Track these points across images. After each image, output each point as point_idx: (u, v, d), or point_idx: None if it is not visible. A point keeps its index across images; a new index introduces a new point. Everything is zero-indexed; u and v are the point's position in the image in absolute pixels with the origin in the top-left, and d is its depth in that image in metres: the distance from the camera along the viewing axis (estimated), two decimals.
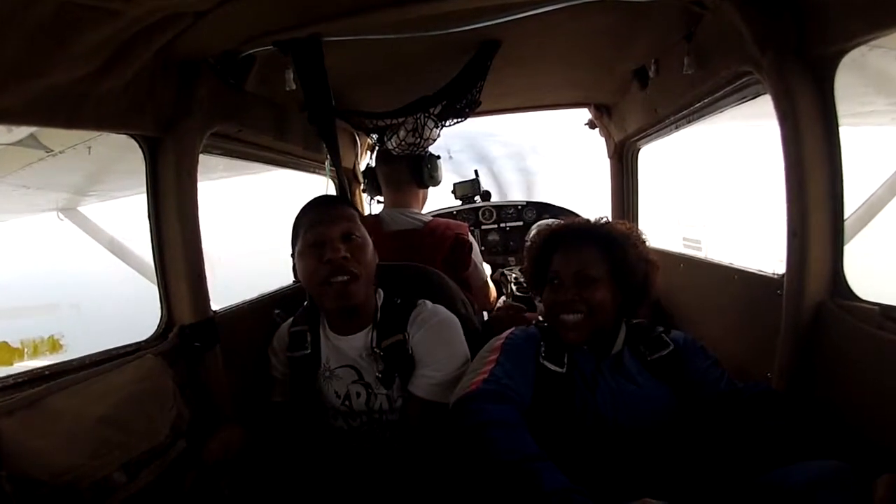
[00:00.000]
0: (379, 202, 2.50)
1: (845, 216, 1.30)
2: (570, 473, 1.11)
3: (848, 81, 1.25)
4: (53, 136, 2.09)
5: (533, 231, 3.08)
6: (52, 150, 2.21)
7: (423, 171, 2.32)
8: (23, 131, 1.94)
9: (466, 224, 2.35)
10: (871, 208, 2.99)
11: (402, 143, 2.14)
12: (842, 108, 1.26)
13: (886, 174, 2.99)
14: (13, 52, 0.99)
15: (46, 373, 1.21)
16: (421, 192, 2.40)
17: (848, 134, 1.28)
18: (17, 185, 2.80)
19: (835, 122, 1.27)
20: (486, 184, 3.72)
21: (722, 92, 1.70)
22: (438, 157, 2.40)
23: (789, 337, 1.36)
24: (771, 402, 1.31)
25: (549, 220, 3.07)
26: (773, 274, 1.52)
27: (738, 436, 1.29)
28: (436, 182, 2.43)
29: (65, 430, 1.14)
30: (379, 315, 1.62)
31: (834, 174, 1.28)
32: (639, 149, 2.89)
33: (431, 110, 2.06)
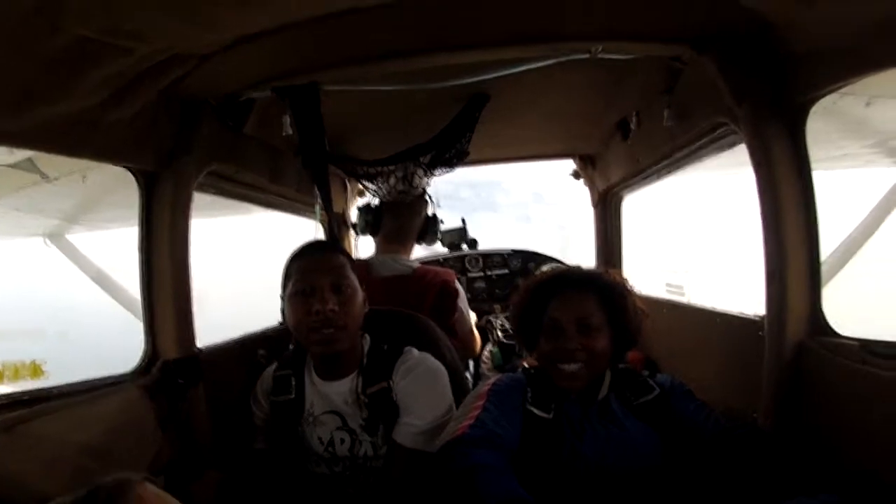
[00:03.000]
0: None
1: (824, 257, 1.35)
2: None
3: (821, 127, 1.33)
4: (50, 161, 2.10)
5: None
6: (47, 176, 2.23)
7: (430, 231, 2.38)
8: (21, 154, 1.95)
9: (454, 272, 2.36)
10: (851, 247, 3.10)
11: (393, 190, 2.18)
12: (816, 153, 1.32)
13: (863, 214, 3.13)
14: (29, 78, 1.02)
15: (26, 398, 1.18)
16: (414, 244, 2.45)
17: (824, 178, 1.33)
18: (8, 208, 2.79)
19: (808, 167, 1.34)
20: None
21: (700, 142, 1.77)
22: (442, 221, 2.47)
23: (773, 376, 1.38)
24: (759, 442, 1.31)
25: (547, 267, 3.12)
26: (755, 316, 1.55)
27: (728, 477, 1.28)
28: (434, 242, 2.48)
29: (43, 457, 1.11)
30: (365, 361, 1.60)
31: (809, 217, 1.34)
32: (622, 197, 2.98)
33: (421, 159, 2.12)
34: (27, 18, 0.92)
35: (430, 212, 2.41)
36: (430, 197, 2.39)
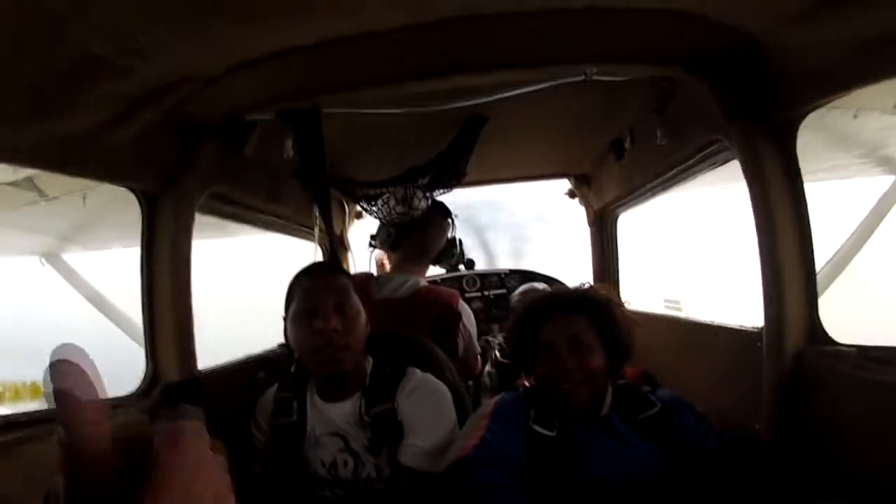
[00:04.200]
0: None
1: (818, 267, 1.37)
2: None
3: (810, 140, 1.36)
4: (50, 180, 2.10)
5: (516, 296, 3.12)
6: (46, 195, 2.22)
7: (449, 254, 2.40)
8: (22, 172, 1.95)
9: (458, 293, 2.35)
10: (843, 258, 3.14)
11: (392, 211, 2.20)
12: (806, 165, 1.36)
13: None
14: (33, 93, 1.03)
15: (25, 419, 1.15)
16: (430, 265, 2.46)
17: (816, 189, 1.36)
18: (5, 226, 2.78)
19: (799, 180, 1.37)
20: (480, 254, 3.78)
21: (693, 160, 1.81)
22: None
23: (773, 387, 1.39)
24: (761, 454, 1.32)
25: (537, 284, 3.13)
26: (753, 328, 1.57)
27: (731, 490, 1.29)
28: (451, 266, 2.51)
29: (40, 481, 1.10)
30: (368, 382, 1.59)
31: (803, 229, 1.36)
32: (617, 216, 3.02)
33: (420, 181, 2.14)
34: (34, 33, 0.92)
35: (452, 234, 2.42)
36: (453, 220, 2.40)
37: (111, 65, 1.08)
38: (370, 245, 2.53)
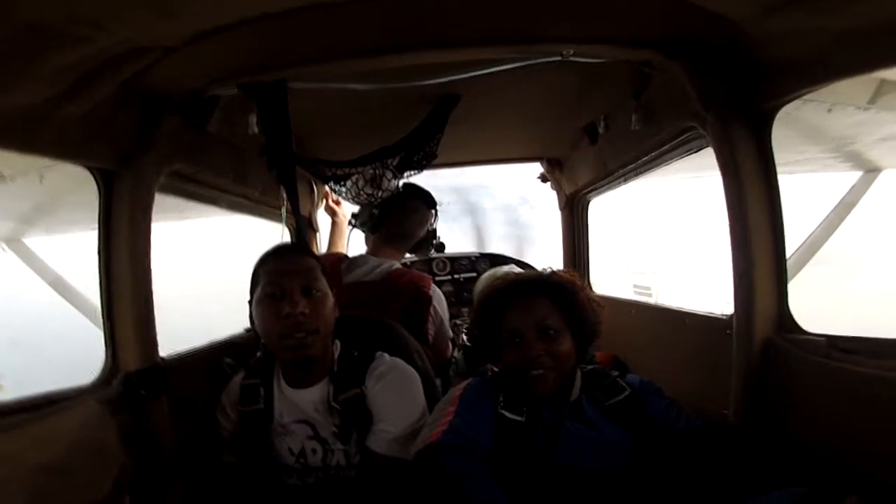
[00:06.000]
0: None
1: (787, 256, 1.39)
2: None
3: (783, 133, 1.37)
4: (5, 160, 1.98)
5: (481, 284, 3.10)
6: (2, 175, 2.11)
7: (426, 244, 2.44)
8: None
9: (429, 277, 2.34)
10: (811, 247, 3.23)
11: (361, 192, 2.15)
12: (778, 157, 1.36)
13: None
14: None
15: None
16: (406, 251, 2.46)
17: (786, 181, 1.37)
18: None
19: (773, 170, 1.37)
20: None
21: (668, 146, 1.81)
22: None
23: (741, 374, 1.41)
24: (730, 438, 1.33)
25: (507, 268, 3.11)
26: (722, 315, 1.59)
27: (701, 474, 1.30)
28: (426, 255, 2.61)
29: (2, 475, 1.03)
30: (336, 367, 1.57)
31: (775, 219, 1.37)
32: (589, 201, 3.03)
33: (390, 161, 2.10)
34: None
35: (433, 225, 2.43)
36: (436, 210, 2.41)
37: (61, 34, 1.01)
38: (349, 224, 2.52)
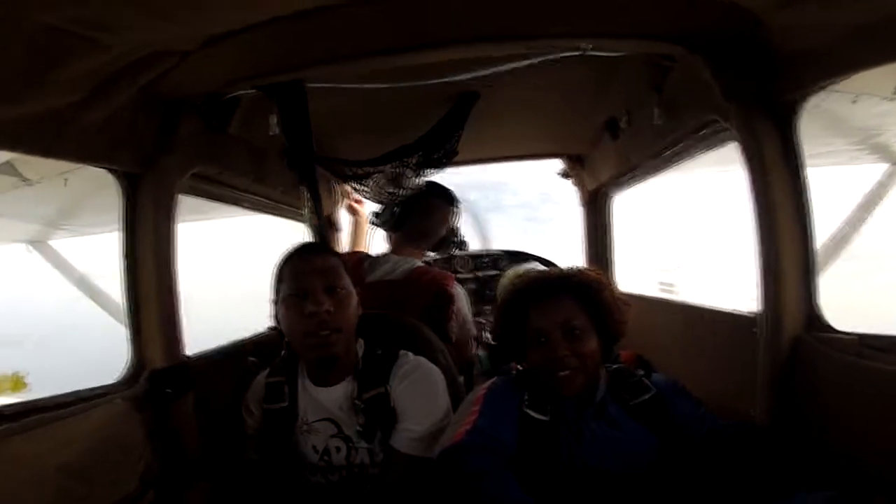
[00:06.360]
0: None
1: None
2: None
3: (807, 124, 1.33)
4: (30, 164, 2.04)
5: (505, 280, 3.09)
6: (28, 180, 2.15)
7: (448, 242, 2.42)
8: (1, 157, 1.89)
9: (452, 275, 2.33)
10: (840, 242, 3.14)
11: (382, 191, 2.16)
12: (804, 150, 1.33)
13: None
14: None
15: (6, 413, 1.12)
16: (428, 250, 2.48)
17: (813, 175, 1.34)
18: None
19: (800, 162, 1.34)
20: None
21: (691, 140, 1.78)
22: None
23: (768, 373, 1.38)
24: (757, 439, 1.31)
25: (529, 265, 3.09)
26: (749, 313, 1.55)
27: (727, 475, 1.28)
28: (447, 253, 2.64)
29: (22, 478, 1.06)
30: (360, 365, 1.57)
31: (802, 213, 1.34)
32: (611, 197, 2.99)
33: (409, 160, 2.10)
34: None
35: (455, 223, 2.42)
36: (458, 208, 2.40)
37: (79, 40, 1.03)
38: (371, 223, 2.52)
